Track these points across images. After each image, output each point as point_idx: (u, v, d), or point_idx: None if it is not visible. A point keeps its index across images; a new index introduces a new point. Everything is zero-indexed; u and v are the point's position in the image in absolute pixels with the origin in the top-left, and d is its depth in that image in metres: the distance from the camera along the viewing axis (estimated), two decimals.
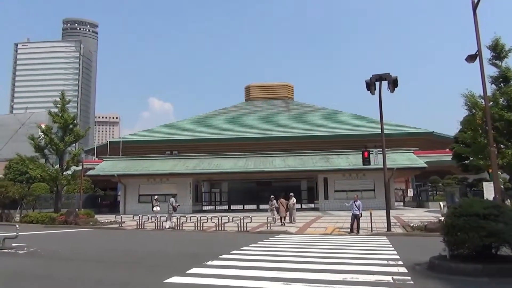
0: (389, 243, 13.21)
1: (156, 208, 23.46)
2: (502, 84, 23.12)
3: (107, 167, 37.51)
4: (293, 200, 22.52)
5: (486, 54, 22.20)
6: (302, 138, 51.44)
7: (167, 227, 20.46)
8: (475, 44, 14.37)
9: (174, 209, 21.97)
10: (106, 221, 23.92)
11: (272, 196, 23.19)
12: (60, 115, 26.98)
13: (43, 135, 26.96)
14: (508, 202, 19.26)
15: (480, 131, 22.23)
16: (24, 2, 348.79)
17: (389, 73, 17.00)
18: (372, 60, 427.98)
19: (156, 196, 25.45)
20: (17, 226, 13.71)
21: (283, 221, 21.44)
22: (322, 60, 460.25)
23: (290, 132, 53.88)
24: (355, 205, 17.29)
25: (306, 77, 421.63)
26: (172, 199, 22.58)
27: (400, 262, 9.07)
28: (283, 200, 22.11)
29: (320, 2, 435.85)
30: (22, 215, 26.05)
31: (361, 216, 17.31)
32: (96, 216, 25.42)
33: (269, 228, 18.60)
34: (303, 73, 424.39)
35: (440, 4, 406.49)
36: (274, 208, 22.30)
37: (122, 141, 54.31)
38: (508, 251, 7.90)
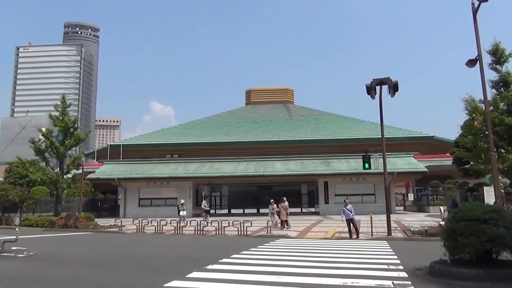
0: (390, 247, 13.17)
1: (183, 213, 23.70)
2: (502, 88, 23.15)
3: (107, 170, 37.51)
4: (286, 204, 22.38)
5: (487, 58, 22.28)
6: (302, 142, 51.40)
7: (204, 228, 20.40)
8: (476, 48, 14.42)
9: (206, 211, 22.17)
10: (106, 224, 23.89)
11: (272, 200, 23.22)
12: (61, 118, 27.04)
13: (43, 139, 27.02)
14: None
15: (481, 135, 22.25)
16: (26, 5, 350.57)
17: (389, 78, 17.02)
18: (373, 64, 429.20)
19: (182, 201, 25.92)
20: (17, 229, 13.71)
21: (285, 225, 21.39)
22: (323, 64, 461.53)
23: (291, 136, 53.85)
24: (347, 209, 17.02)
25: (306, 81, 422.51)
26: (204, 202, 22.97)
27: (401, 267, 9.04)
28: (284, 204, 22.04)
29: (321, 7, 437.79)
30: (22, 219, 26.04)
31: (353, 216, 17.06)
32: (96, 219, 25.42)
33: (269, 232, 18.56)
34: (303, 77, 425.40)
35: (440, 8, 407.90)
36: (275, 212, 22.40)
37: (122, 144, 54.29)
38: (509, 256, 7.87)
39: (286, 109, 68.62)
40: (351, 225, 16.93)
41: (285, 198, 22.46)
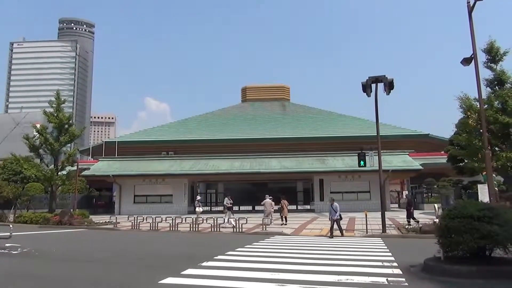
0: (384, 244, 13.25)
1: (199, 209, 23.57)
2: (497, 87, 23.31)
3: (102, 167, 37.35)
4: (286, 202, 22.69)
5: (482, 57, 22.41)
6: (298, 139, 51.48)
7: (229, 225, 20.08)
8: (471, 47, 14.47)
9: (228, 208, 22.15)
10: (101, 221, 23.80)
11: (270, 197, 23.43)
12: (55, 115, 26.85)
13: (38, 135, 26.83)
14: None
15: (475, 134, 22.40)
16: (20, 1, 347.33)
17: (385, 75, 17.08)
18: (369, 62, 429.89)
19: (198, 197, 25.85)
20: (11, 226, 13.64)
21: (284, 221, 21.97)
22: (319, 62, 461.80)
23: (286, 134, 53.92)
24: (332, 209, 16.54)
25: (302, 78, 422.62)
26: (226, 199, 22.92)
27: (395, 264, 9.10)
28: (285, 202, 22.81)
29: (317, 4, 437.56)
30: (16, 215, 25.87)
31: (341, 218, 16.74)
32: (91, 216, 25.30)
33: (264, 229, 18.59)
34: (300, 75, 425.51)
35: (436, 6, 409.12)
36: (272, 210, 22.68)
37: (117, 141, 54.08)
38: (502, 253, 7.94)
39: (282, 107, 68.66)
40: (335, 224, 16.46)
41: (267, 196, 22.78)
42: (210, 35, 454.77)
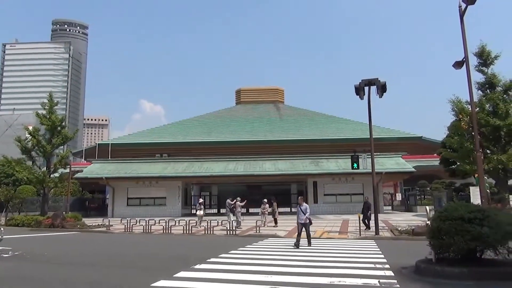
0: (377, 246, 13.30)
1: (199, 212, 23.46)
2: (488, 90, 23.59)
3: (95, 169, 37.13)
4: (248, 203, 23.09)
5: (473, 60, 22.67)
6: (292, 142, 51.57)
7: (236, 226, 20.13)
8: (463, 50, 14.60)
9: (231, 210, 22.23)
10: (94, 224, 23.67)
11: (264, 200, 23.51)
12: (48, 117, 26.71)
13: (30, 137, 26.66)
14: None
15: (467, 136, 22.63)
16: (13, 2, 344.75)
17: (377, 78, 17.20)
18: (362, 64, 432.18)
19: (201, 200, 25.72)
20: (2, 229, 13.49)
21: (274, 223, 22.52)
22: (313, 65, 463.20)
23: (281, 136, 53.99)
24: (301, 210, 13.57)
25: (296, 81, 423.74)
26: (238, 199, 23.09)
27: (387, 266, 9.14)
28: (275, 204, 23.25)
29: (312, 7, 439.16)
30: (7, 218, 25.65)
31: (311, 223, 13.80)
32: (83, 219, 25.15)
33: (258, 231, 18.59)
34: (294, 77, 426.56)
35: (429, 10, 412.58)
36: (266, 212, 22.79)
37: (111, 143, 53.76)
38: (493, 255, 8.01)
39: (276, 109, 68.75)
40: (303, 229, 13.50)
41: (238, 198, 22.90)
42: (204, 37, 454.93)
